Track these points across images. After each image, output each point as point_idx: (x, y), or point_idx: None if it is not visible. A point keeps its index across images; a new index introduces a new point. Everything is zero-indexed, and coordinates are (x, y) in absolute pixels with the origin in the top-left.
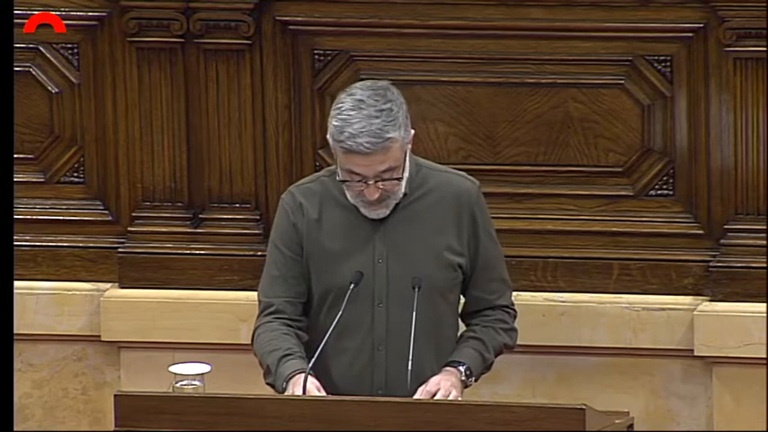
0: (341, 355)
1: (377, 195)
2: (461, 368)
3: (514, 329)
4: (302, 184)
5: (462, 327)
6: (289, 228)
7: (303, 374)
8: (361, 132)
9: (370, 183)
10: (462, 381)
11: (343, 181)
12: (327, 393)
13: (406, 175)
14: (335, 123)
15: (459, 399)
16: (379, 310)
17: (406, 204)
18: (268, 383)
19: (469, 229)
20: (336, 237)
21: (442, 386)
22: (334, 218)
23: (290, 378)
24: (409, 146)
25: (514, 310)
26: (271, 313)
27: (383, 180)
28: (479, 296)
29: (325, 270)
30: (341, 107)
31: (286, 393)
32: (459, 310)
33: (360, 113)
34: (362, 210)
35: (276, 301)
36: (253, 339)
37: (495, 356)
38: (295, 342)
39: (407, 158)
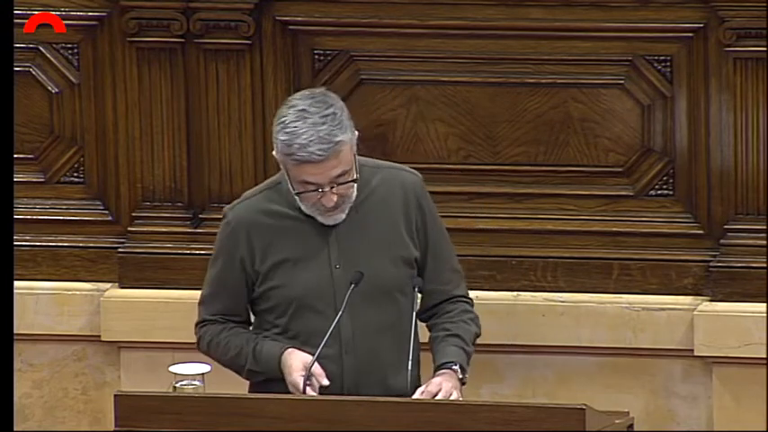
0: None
1: (334, 200)
2: (455, 367)
3: (477, 317)
4: (246, 198)
5: (421, 325)
6: (233, 255)
7: (293, 349)
8: (311, 141)
9: (326, 190)
10: (460, 379)
11: (299, 193)
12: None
13: (358, 176)
14: (282, 138)
15: (461, 399)
16: (343, 316)
17: (354, 207)
18: (250, 370)
19: (418, 222)
20: (290, 249)
21: (444, 387)
22: (285, 231)
23: (283, 353)
24: (355, 148)
25: (471, 299)
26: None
27: (338, 185)
28: (435, 288)
29: (283, 282)
30: (285, 120)
31: (284, 365)
32: (417, 307)
33: (305, 123)
34: (319, 218)
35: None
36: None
37: (473, 347)
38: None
39: (356, 160)
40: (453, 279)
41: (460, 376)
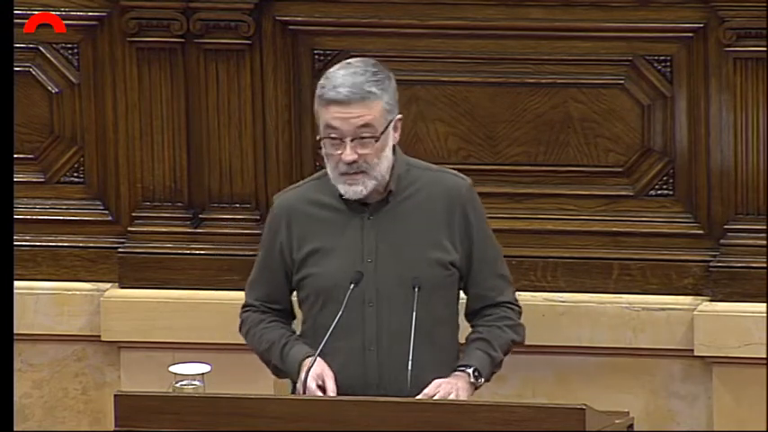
0: (335, 356)
1: (353, 157)
2: (469, 370)
3: (520, 325)
4: (294, 187)
5: (465, 327)
6: (274, 242)
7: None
8: (343, 84)
9: (347, 140)
10: (471, 383)
11: (322, 138)
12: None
13: (389, 155)
14: (321, 82)
15: (455, 387)
16: (369, 311)
17: (395, 203)
18: (276, 367)
19: (461, 227)
20: (325, 239)
21: (442, 389)
22: (323, 220)
23: (305, 358)
24: (394, 122)
25: (518, 306)
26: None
27: (360, 138)
28: (479, 293)
29: (314, 271)
30: (330, 69)
31: (302, 367)
32: (464, 310)
33: (346, 71)
34: (341, 188)
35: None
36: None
37: (505, 354)
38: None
39: (391, 137)
40: (498, 285)
41: (472, 380)
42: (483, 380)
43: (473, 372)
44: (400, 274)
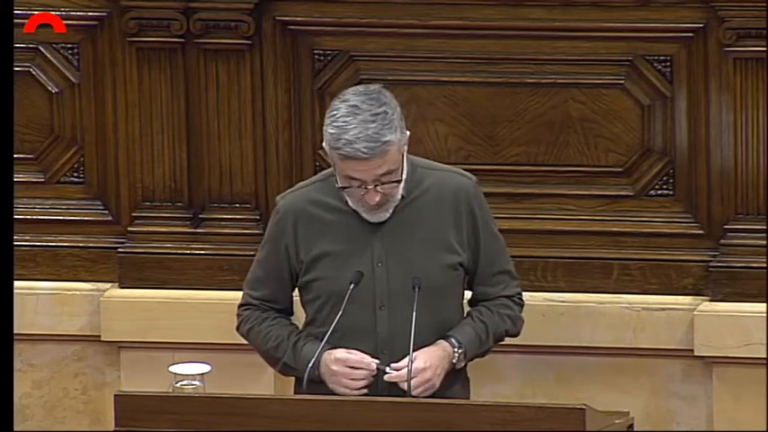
0: None
1: (377, 199)
2: (452, 341)
3: (520, 318)
4: (298, 188)
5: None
6: (279, 242)
7: (329, 350)
8: (358, 138)
9: (370, 187)
10: (450, 354)
11: (343, 188)
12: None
13: (404, 176)
14: (331, 131)
15: (436, 377)
16: (381, 314)
17: (403, 206)
18: (285, 364)
19: (468, 226)
20: (335, 242)
21: (416, 360)
22: (331, 223)
23: (321, 355)
24: (405, 147)
25: (521, 300)
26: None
27: (382, 183)
28: (484, 291)
29: (324, 275)
30: (335, 114)
31: (326, 371)
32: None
33: (355, 119)
34: (364, 215)
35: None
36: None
37: (496, 341)
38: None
39: (405, 160)
40: (503, 281)
41: (453, 350)
42: (464, 356)
43: (454, 342)
44: (411, 278)
